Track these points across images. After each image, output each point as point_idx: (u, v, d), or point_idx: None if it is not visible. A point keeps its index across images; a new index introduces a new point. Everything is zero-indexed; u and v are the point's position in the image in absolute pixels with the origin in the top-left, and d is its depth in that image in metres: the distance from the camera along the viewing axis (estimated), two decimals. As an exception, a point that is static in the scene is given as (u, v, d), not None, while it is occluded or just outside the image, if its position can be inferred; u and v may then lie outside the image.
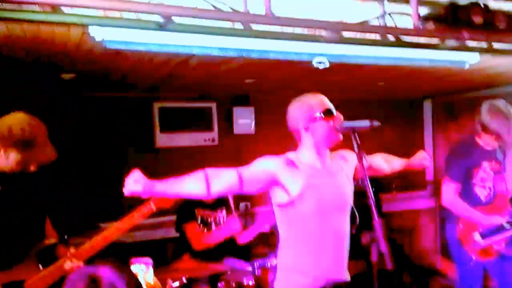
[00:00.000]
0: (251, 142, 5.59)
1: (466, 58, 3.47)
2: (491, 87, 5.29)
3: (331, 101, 2.59)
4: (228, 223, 4.18)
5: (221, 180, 2.47)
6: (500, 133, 3.54)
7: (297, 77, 4.32)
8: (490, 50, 2.66)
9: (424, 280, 5.99)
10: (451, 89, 5.64)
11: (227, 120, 5.50)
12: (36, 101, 4.27)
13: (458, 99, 6.11)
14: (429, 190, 6.54)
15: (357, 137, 2.34)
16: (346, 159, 2.73)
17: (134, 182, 2.38)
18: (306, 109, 2.59)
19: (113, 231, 2.97)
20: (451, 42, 2.42)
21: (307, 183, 2.49)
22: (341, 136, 2.53)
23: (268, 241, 4.28)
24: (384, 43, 2.47)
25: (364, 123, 2.34)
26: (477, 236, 3.57)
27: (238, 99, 5.54)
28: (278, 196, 2.56)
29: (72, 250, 2.90)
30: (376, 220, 2.20)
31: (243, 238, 4.27)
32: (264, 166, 2.53)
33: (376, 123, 2.29)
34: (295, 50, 2.98)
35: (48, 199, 3.03)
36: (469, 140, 3.80)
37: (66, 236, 3.17)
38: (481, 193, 3.74)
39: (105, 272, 1.63)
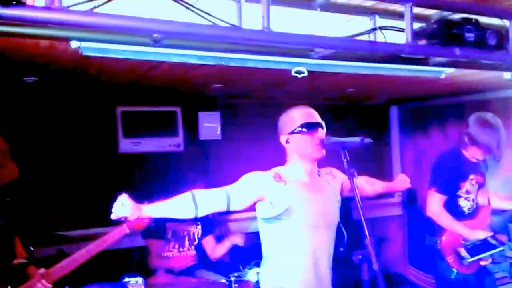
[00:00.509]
0: (218, 148, 5.55)
1: (443, 68, 3.56)
2: (461, 94, 5.43)
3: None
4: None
5: (208, 202, 2.48)
6: (489, 145, 3.62)
7: (267, 84, 4.35)
8: (477, 65, 2.75)
9: (392, 289, 6.12)
10: (422, 96, 5.75)
11: (192, 125, 5.46)
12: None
13: (425, 105, 6.26)
14: (397, 198, 6.65)
15: (346, 154, 2.38)
16: (334, 176, 2.78)
17: (122, 206, 2.37)
18: (288, 121, 2.63)
19: (83, 253, 2.97)
20: (441, 59, 2.49)
21: (294, 198, 2.52)
22: (323, 152, 2.56)
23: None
24: (375, 57, 2.52)
25: (354, 140, 2.37)
26: (463, 252, 3.65)
27: (204, 104, 5.49)
28: (264, 211, 2.57)
29: (42, 270, 2.86)
30: (368, 239, 2.24)
31: (217, 254, 4.30)
32: (251, 183, 2.55)
33: (368, 140, 2.32)
34: (274, 59, 2.99)
35: (16, 217, 2.98)
36: (455, 152, 3.86)
37: (31, 248, 3.12)
38: (465, 205, 3.80)
39: None
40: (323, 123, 2.60)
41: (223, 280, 3.74)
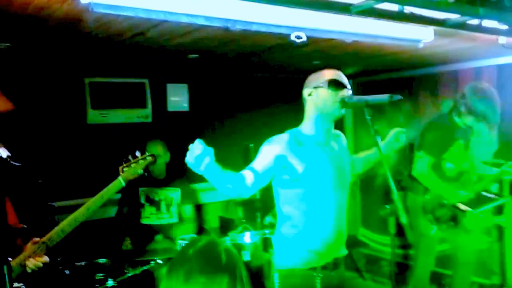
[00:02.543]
0: (186, 119, 5.37)
1: (421, 36, 3.50)
2: (426, 66, 5.41)
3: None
4: None
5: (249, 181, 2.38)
6: (487, 115, 3.65)
7: (245, 53, 4.17)
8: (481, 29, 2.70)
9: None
10: (389, 67, 5.68)
11: (160, 97, 5.22)
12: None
13: (380, 79, 6.22)
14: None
15: (370, 112, 2.28)
16: (343, 138, 2.74)
17: (201, 150, 2.20)
18: (316, 76, 2.55)
19: (82, 211, 2.74)
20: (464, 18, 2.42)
21: (312, 160, 2.42)
22: (342, 111, 2.46)
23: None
24: (399, 17, 2.40)
25: (381, 98, 2.26)
26: (463, 206, 3.70)
27: (172, 76, 5.26)
28: (282, 173, 2.45)
29: (36, 239, 2.59)
30: (395, 193, 2.16)
31: None
32: (272, 152, 2.43)
33: (398, 97, 2.21)
34: (276, 23, 2.84)
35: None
36: (446, 118, 3.89)
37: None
38: (449, 168, 3.87)
39: None
40: (349, 87, 2.49)
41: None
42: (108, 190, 2.86)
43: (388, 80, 6.05)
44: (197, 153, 2.18)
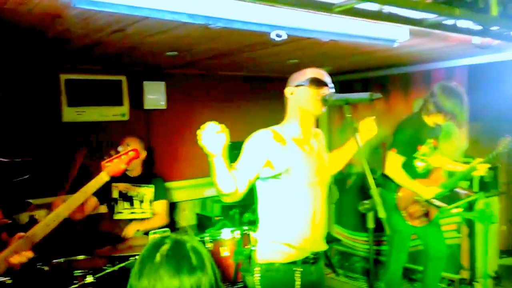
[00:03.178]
0: (163, 117, 5.34)
1: (397, 36, 3.55)
2: (399, 66, 5.47)
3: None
4: None
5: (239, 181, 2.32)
6: (455, 114, 3.73)
7: (222, 51, 4.17)
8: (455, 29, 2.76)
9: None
10: (363, 67, 5.71)
11: (137, 95, 5.16)
12: None
13: (353, 79, 6.24)
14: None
15: (349, 110, 2.31)
16: (322, 136, 2.78)
17: (217, 131, 2.09)
18: (298, 75, 2.56)
19: (65, 207, 2.69)
20: (440, 19, 2.47)
21: (293, 158, 2.45)
22: (323, 109, 2.49)
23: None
24: (379, 16, 2.45)
25: (362, 96, 2.29)
26: (438, 202, 3.78)
27: (149, 73, 5.22)
28: (264, 170, 2.47)
29: (21, 234, 2.55)
30: (374, 189, 2.21)
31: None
32: (258, 152, 2.42)
33: (377, 96, 2.25)
34: (257, 21, 2.86)
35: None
36: (416, 118, 3.96)
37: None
38: (420, 166, 3.95)
39: None
40: (332, 86, 2.52)
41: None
42: (91, 186, 2.82)
43: (361, 79, 6.11)
44: (214, 133, 2.08)
